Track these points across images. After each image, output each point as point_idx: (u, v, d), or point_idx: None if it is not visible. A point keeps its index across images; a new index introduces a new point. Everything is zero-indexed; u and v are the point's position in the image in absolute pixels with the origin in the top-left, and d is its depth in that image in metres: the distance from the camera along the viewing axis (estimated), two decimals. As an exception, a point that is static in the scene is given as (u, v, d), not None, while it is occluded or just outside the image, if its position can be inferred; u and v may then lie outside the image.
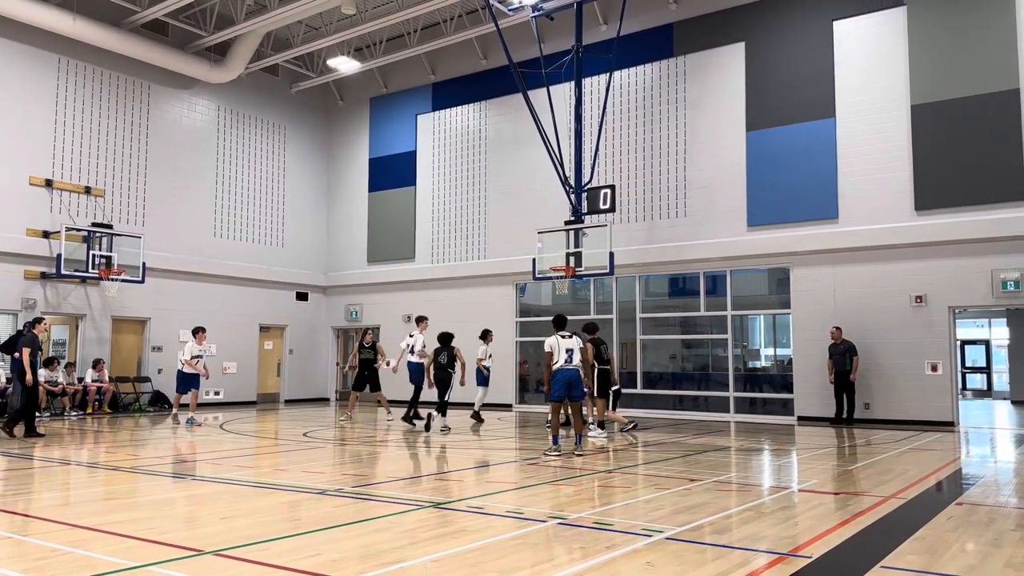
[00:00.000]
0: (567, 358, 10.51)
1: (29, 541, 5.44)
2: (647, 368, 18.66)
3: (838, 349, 15.43)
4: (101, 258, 18.02)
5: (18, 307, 17.46)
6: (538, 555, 5.13)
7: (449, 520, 6.20)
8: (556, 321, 10.99)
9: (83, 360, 18.38)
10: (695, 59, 18.12)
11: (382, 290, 22.86)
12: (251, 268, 22.09)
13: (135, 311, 19.52)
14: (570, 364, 10.52)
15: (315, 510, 6.77)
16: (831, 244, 16.12)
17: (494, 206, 20.94)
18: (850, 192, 16.03)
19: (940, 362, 15.01)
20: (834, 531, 5.72)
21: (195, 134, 21.23)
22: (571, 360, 10.53)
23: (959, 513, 6.56)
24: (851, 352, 15.28)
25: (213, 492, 7.78)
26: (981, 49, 14.97)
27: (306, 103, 24.06)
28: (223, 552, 5.02)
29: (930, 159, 15.28)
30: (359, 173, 23.86)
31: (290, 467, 9.80)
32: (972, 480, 8.71)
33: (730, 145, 17.48)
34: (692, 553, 5.12)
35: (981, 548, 5.31)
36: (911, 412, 15.08)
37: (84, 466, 9.92)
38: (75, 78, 18.78)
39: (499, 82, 20.50)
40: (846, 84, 16.26)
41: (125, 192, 19.62)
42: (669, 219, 18.13)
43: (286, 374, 23.02)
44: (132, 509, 6.93)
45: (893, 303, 15.47)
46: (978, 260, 14.73)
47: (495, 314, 20.15)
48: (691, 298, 18.42)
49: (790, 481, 8.87)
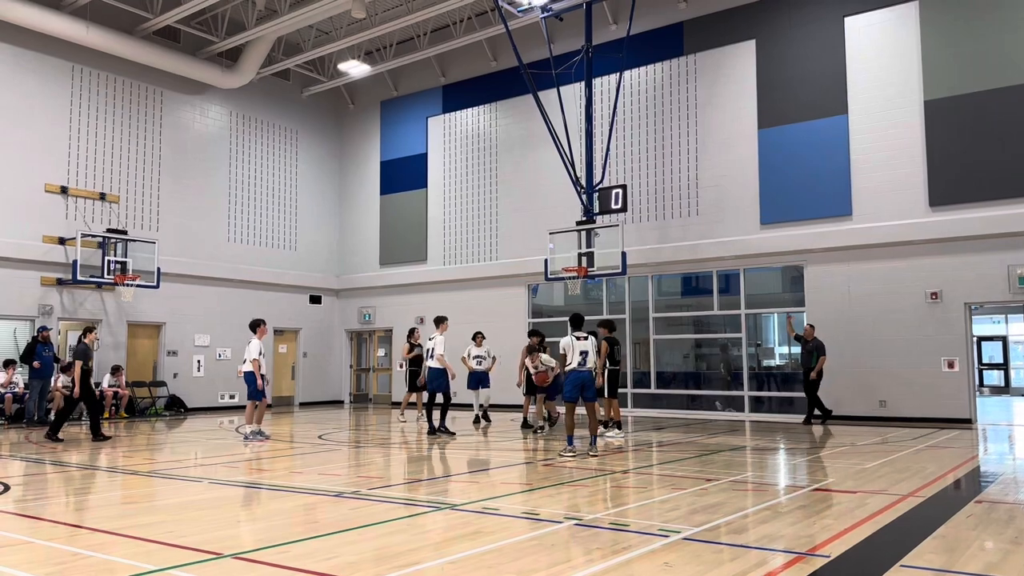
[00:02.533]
0: (581, 360, 10.44)
1: (50, 545, 5.48)
2: (660, 368, 18.61)
3: (807, 347, 15.16)
4: (116, 264, 18.15)
5: (35, 313, 17.63)
6: (555, 556, 5.13)
7: (465, 521, 6.20)
8: (573, 320, 10.91)
9: (99, 365, 18.51)
10: (705, 57, 18.07)
11: (395, 292, 22.91)
12: (264, 272, 22.19)
13: (150, 316, 19.66)
14: (584, 366, 10.45)
15: (332, 512, 6.79)
16: (845, 241, 16.03)
17: (505, 207, 20.95)
18: (864, 189, 15.94)
19: (957, 359, 14.89)
20: (852, 530, 5.68)
21: (208, 139, 21.37)
22: (585, 362, 10.46)
23: (978, 511, 6.51)
24: (819, 351, 14.96)
25: (230, 495, 7.82)
26: (995, 43, 14.85)
27: (317, 107, 24.16)
28: (242, 555, 5.05)
29: (944, 154, 15.18)
30: (371, 176, 23.93)
31: (306, 470, 9.84)
32: (991, 477, 8.64)
33: (742, 143, 17.41)
34: (710, 553, 5.10)
35: (1001, 546, 5.26)
36: (928, 409, 14.96)
37: (103, 470, 10.00)
38: (89, 85, 18.94)
39: (509, 83, 20.52)
40: (858, 80, 16.17)
41: (139, 198, 19.77)
42: (681, 218, 18.08)
43: (300, 377, 23.11)
44: (151, 513, 6.97)
45: (908, 300, 15.37)
46: (994, 256, 14.61)
47: (507, 315, 20.17)
48: (704, 297, 18.36)
49: (806, 480, 8.82)
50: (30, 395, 16.46)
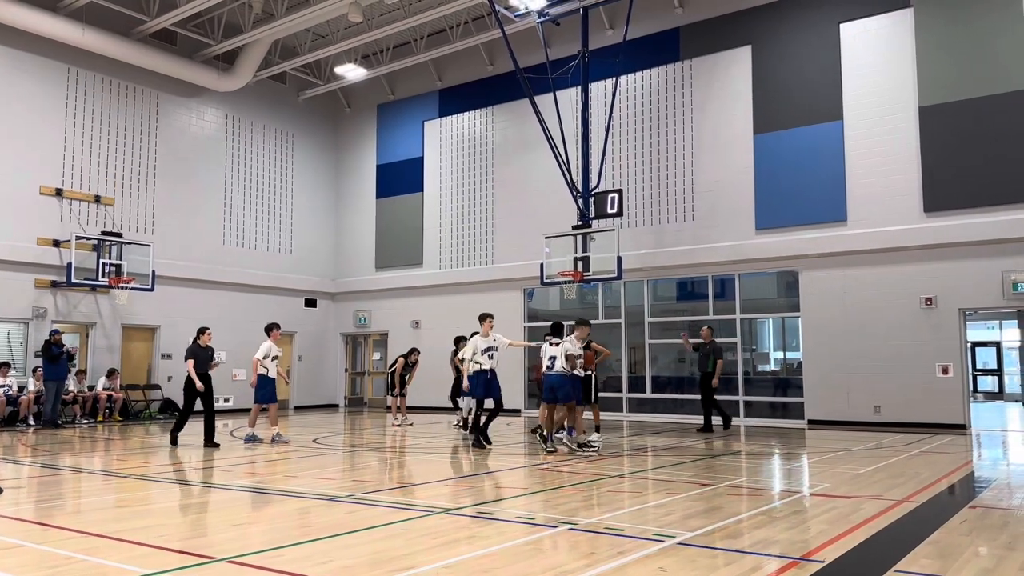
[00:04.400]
0: (549, 364, 11.31)
1: (43, 549, 5.46)
2: (656, 372, 18.62)
3: (704, 349, 14.84)
4: (111, 266, 18.09)
5: (29, 316, 17.57)
6: (550, 561, 5.13)
7: (460, 526, 6.20)
8: (552, 327, 11.86)
9: (93, 368, 18.47)
10: (701, 63, 18.12)
11: (390, 296, 22.90)
12: (260, 275, 22.15)
13: (145, 319, 19.61)
14: (551, 370, 11.24)
15: (326, 516, 6.77)
16: (840, 247, 16.07)
17: (501, 211, 20.96)
18: (859, 194, 15.99)
19: (951, 364, 14.93)
20: (847, 535, 5.69)
21: (203, 142, 21.34)
22: (552, 366, 11.21)
23: (972, 517, 6.53)
24: (716, 354, 14.69)
25: (224, 499, 7.80)
26: (990, 50, 14.92)
27: (313, 110, 24.15)
28: (235, 559, 5.03)
29: (939, 161, 15.23)
30: (366, 179, 23.93)
31: (300, 473, 9.81)
32: (985, 483, 8.66)
33: (738, 148, 17.46)
34: (704, 558, 5.10)
35: (995, 552, 5.28)
36: (922, 415, 14.99)
37: (97, 474, 9.96)
38: (85, 88, 18.91)
39: (505, 88, 20.54)
40: (853, 86, 16.23)
41: (134, 201, 19.73)
42: (677, 223, 18.11)
43: (295, 381, 23.06)
44: (144, 516, 6.95)
45: (903, 306, 15.41)
46: (988, 262, 14.66)
47: (503, 319, 20.04)
48: (700, 302, 18.38)
49: (801, 485, 8.83)
50: (45, 397, 16.44)
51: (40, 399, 16.58)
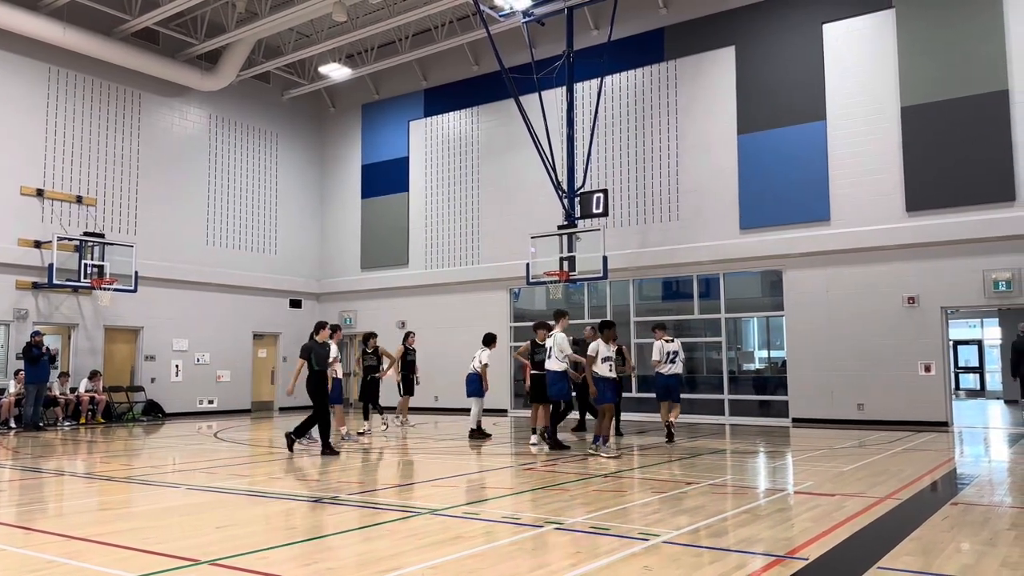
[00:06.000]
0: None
1: (25, 553, 5.40)
2: (642, 372, 18.64)
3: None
4: (93, 267, 17.94)
5: (10, 317, 17.39)
6: (536, 560, 5.13)
7: (446, 526, 6.19)
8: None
9: (75, 370, 18.29)
10: (686, 63, 18.19)
11: (376, 296, 22.84)
12: (244, 276, 22.03)
13: (128, 320, 19.45)
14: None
15: (311, 518, 6.75)
16: (823, 246, 16.18)
17: (487, 211, 20.95)
18: (841, 194, 16.10)
19: (933, 362, 15.06)
20: (830, 533, 5.73)
21: (187, 142, 21.19)
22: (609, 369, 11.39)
23: (954, 513, 6.59)
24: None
25: (209, 501, 7.74)
26: (970, 51, 15.06)
27: (298, 110, 24.04)
28: (219, 562, 5.00)
29: (921, 160, 15.36)
30: (351, 180, 23.85)
31: (285, 475, 9.76)
32: (967, 480, 8.74)
33: (722, 148, 17.53)
34: (689, 557, 5.12)
35: (977, 548, 5.33)
36: (905, 412, 15.12)
37: (79, 476, 9.87)
38: (66, 87, 18.73)
39: (491, 88, 20.53)
40: (836, 87, 16.34)
41: (117, 201, 19.56)
42: (662, 223, 18.17)
43: (280, 382, 22.94)
44: (128, 519, 6.89)
45: (886, 304, 15.53)
46: (970, 260, 14.80)
47: (489, 319, 20.11)
48: (685, 301, 18.45)
49: (786, 483, 8.88)
50: (27, 399, 16.25)
51: (21, 402, 16.41)
